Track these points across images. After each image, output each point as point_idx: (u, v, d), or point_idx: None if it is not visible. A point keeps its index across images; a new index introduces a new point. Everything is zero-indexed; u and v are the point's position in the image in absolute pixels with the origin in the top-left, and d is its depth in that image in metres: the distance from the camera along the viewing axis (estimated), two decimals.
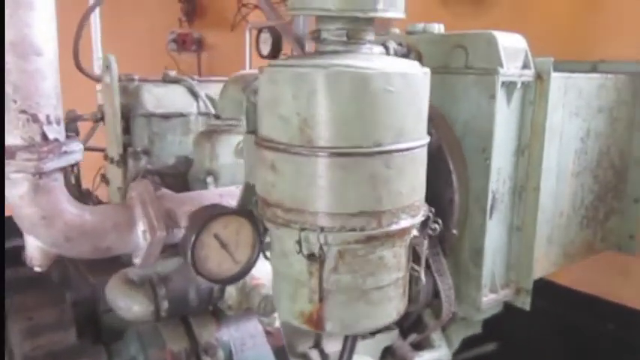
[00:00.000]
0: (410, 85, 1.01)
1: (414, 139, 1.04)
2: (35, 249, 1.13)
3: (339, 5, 0.98)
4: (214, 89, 1.62)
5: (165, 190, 1.27)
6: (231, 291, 1.36)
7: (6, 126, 1.04)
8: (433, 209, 1.13)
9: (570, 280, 2.18)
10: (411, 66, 1.05)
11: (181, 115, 1.52)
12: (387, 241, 1.05)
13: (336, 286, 1.05)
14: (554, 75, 1.50)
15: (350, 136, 0.97)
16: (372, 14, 1.00)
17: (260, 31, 4.05)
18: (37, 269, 1.15)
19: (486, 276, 1.55)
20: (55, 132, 1.08)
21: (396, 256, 1.08)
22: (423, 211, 1.10)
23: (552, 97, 1.49)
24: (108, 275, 1.45)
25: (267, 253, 1.19)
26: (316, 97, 0.96)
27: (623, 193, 1.98)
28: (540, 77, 1.52)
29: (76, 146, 1.12)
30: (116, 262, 1.32)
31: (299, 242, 1.00)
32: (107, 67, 1.50)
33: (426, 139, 1.07)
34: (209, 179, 1.42)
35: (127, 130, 1.50)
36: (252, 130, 1.16)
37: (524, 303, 1.64)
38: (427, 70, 1.07)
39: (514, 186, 1.57)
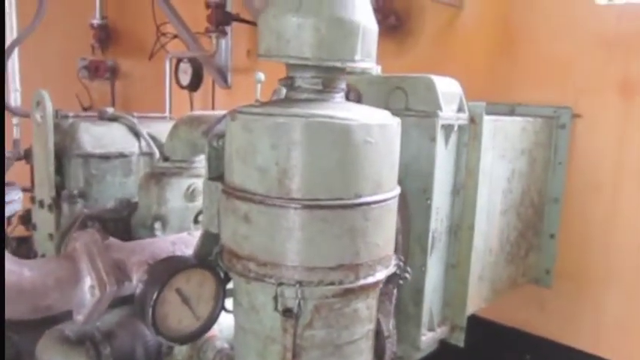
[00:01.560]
0: (386, 136, 1.01)
1: (390, 190, 1.04)
2: None
3: (317, 54, 0.97)
4: (155, 127, 1.53)
5: (112, 239, 1.16)
6: (180, 347, 1.26)
7: None
8: (403, 258, 1.13)
9: (489, 313, 2.27)
10: (386, 116, 1.05)
11: (122, 155, 1.41)
12: (362, 294, 1.02)
13: (311, 343, 1.00)
14: (485, 118, 1.58)
15: (331, 187, 0.94)
16: (349, 64, 1.00)
17: (179, 60, 3.95)
18: None
19: (425, 314, 1.58)
20: None
21: (369, 308, 1.06)
22: (393, 261, 1.09)
23: (484, 140, 1.58)
24: (34, 331, 1.29)
25: (227, 306, 1.12)
26: (297, 147, 0.93)
27: (540, 229, 2.12)
28: (474, 120, 1.60)
29: (16, 195, 1.00)
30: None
31: (275, 298, 0.95)
32: (38, 103, 1.37)
33: (398, 190, 1.07)
34: (157, 225, 1.32)
35: (58, 170, 1.37)
36: (214, 177, 1.10)
37: (459, 340, 1.68)
38: (399, 120, 1.07)
39: (450, 225, 1.62)
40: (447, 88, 1.56)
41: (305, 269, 0.96)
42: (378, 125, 0.99)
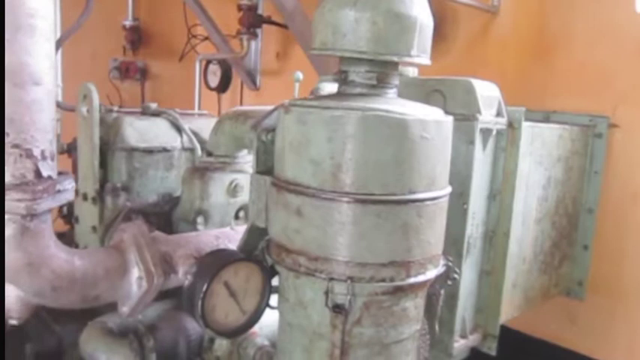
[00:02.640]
0: (442, 132, 1.00)
1: (443, 188, 1.02)
2: (14, 299, 0.98)
3: (373, 48, 0.96)
4: (195, 123, 1.54)
5: (158, 232, 1.17)
6: (221, 341, 1.25)
7: None
8: (451, 258, 1.11)
9: (519, 324, 2.23)
10: (440, 113, 1.04)
11: (165, 149, 1.41)
12: (411, 292, 1.01)
13: (358, 340, 0.99)
14: (524, 124, 1.56)
15: (385, 182, 0.93)
16: (405, 59, 0.98)
17: (209, 62, 3.98)
18: (13, 322, 1.00)
19: (458, 321, 1.55)
20: (49, 169, 0.96)
21: (417, 308, 1.04)
22: (442, 261, 1.08)
23: (522, 146, 1.56)
24: (75, 323, 1.30)
25: (271, 302, 1.11)
26: (352, 141, 0.92)
27: (574, 239, 2.08)
28: (512, 125, 1.58)
29: (69, 184, 1.00)
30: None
31: (326, 293, 0.94)
32: (85, 96, 1.38)
33: (450, 188, 1.06)
34: (199, 219, 1.32)
35: (101, 164, 1.38)
36: (262, 171, 1.09)
37: (491, 348, 1.66)
38: (451, 117, 1.06)
39: (486, 231, 1.60)
40: (487, 91, 1.54)
41: (356, 265, 0.95)
42: (434, 121, 0.98)
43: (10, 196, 0.90)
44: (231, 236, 1.24)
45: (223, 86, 4.03)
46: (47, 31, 0.93)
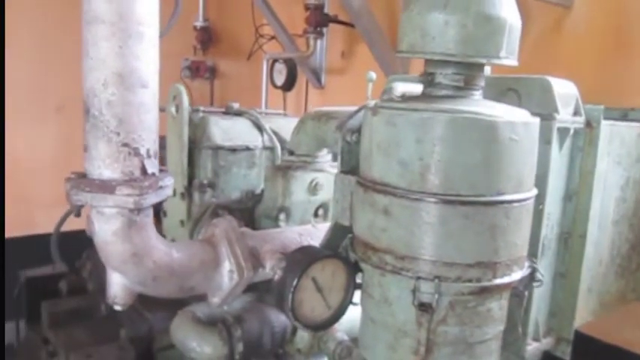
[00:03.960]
0: (530, 134, 1.00)
1: (530, 189, 1.02)
2: (119, 287, 1.06)
3: (462, 51, 0.97)
4: (275, 123, 1.59)
5: (246, 228, 1.22)
6: (302, 334, 1.30)
7: (104, 159, 0.99)
8: (535, 260, 1.11)
9: (592, 329, 2.16)
10: (527, 114, 1.04)
11: (247, 148, 1.48)
12: (496, 293, 1.02)
13: (443, 339, 1.01)
14: (602, 123, 1.51)
15: (473, 184, 0.94)
16: (494, 61, 0.99)
17: (275, 61, 4.07)
18: (118, 308, 1.08)
19: (531, 324, 1.53)
20: (153, 166, 1.03)
21: (501, 309, 1.05)
22: (527, 263, 1.08)
23: (600, 145, 1.51)
24: (164, 311, 1.38)
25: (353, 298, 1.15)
26: (442, 143, 0.93)
27: None
28: (590, 124, 1.53)
29: (169, 180, 1.07)
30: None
31: (413, 291, 0.97)
32: (175, 97, 1.46)
33: (536, 190, 1.06)
34: (281, 216, 1.38)
35: (189, 161, 1.45)
36: (346, 170, 1.13)
37: (565, 353, 1.62)
38: (538, 119, 1.06)
39: (561, 232, 1.57)
40: (564, 89, 1.51)
41: (443, 264, 0.96)
42: (522, 123, 0.98)
43: (120, 192, 0.97)
44: (313, 233, 1.28)
45: (289, 84, 4.11)
46: (153, 37, 1.00)
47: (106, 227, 1.01)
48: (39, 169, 4.09)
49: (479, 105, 1.00)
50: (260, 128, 1.52)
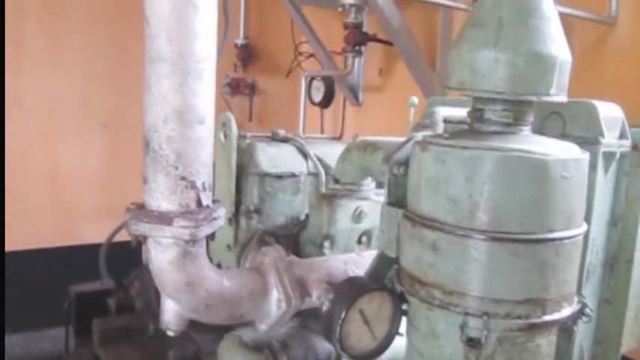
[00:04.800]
0: (580, 170, 1.00)
1: (580, 225, 1.02)
2: (173, 313, 1.10)
3: (512, 89, 0.98)
4: (319, 149, 1.62)
5: (293, 257, 1.25)
6: None
7: (162, 192, 1.03)
8: (584, 295, 1.10)
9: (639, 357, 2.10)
10: (577, 150, 1.04)
11: (292, 174, 1.51)
12: (545, 330, 1.01)
13: None
14: None
15: (523, 221, 0.95)
16: (544, 98, 1.00)
17: (313, 78, 4.11)
18: (171, 334, 1.12)
19: (576, 350, 1.50)
20: (208, 198, 1.07)
21: (550, 345, 1.04)
22: (576, 298, 1.07)
23: None
24: (211, 333, 1.42)
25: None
26: (491, 181, 0.94)
27: None
28: (636, 148, 1.51)
29: (222, 211, 1.11)
30: None
31: (462, 327, 0.97)
32: (224, 124, 1.50)
33: (586, 226, 1.05)
34: (326, 244, 1.40)
35: (236, 187, 1.49)
36: (393, 202, 1.14)
37: None
38: (588, 154, 1.06)
39: (606, 258, 1.54)
40: (609, 113, 1.49)
41: (492, 301, 0.97)
42: (573, 160, 0.98)
43: (177, 223, 1.01)
44: (358, 262, 1.30)
45: (326, 101, 4.15)
46: (211, 74, 1.05)
47: (162, 256, 1.05)
48: (84, 181, 4.23)
49: (529, 142, 1.00)
50: (305, 155, 1.55)
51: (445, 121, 1.55)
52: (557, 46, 0.99)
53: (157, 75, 0.99)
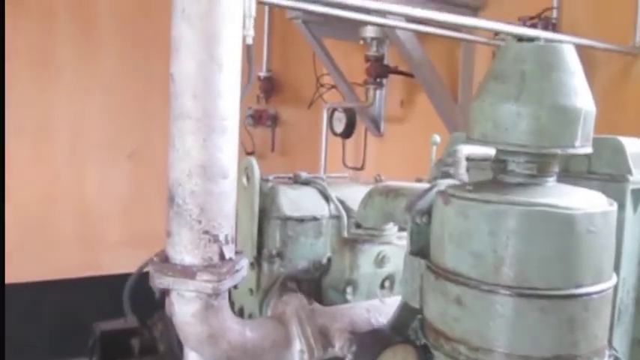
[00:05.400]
0: (608, 223, 0.98)
1: (609, 279, 1.00)
2: None
3: (536, 142, 0.97)
4: (341, 191, 1.62)
5: (316, 305, 1.25)
6: None
7: (186, 245, 1.04)
8: (616, 348, 1.07)
9: None
10: (603, 201, 1.02)
11: (314, 218, 1.51)
12: None
13: None
14: None
15: (549, 277, 0.93)
16: (569, 151, 0.99)
17: (334, 109, 4.15)
18: None
19: None
20: (230, 251, 1.08)
21: None
22: (607, 352, 1.04)
23: None
24: None
25: None
26: (516, 236, 0.93)
27: None
28: None
29: (244, 262, 1.11)
30: None
31: None
32: (246, 168, 1.52)
33: (616, 278, 1.03)
34: (349, 289, 1.40)
35: (258, 230, 1.50)
36: (416, 251, 1.13)
37: None
38: (616, 205, 1.04)
39: (637, 296, 1.50)
40: (636, 149, 1.47)
41: (519, 358, 0.95)
42: (600, 213, 0.96)
43: (200, 277, 1.02)
44: (381, 309, 1.28)
45: (348, 132, 4.18)
46: (234, 128, 1.06)
47: (185, 309, 1.05)
48: (108, 212, 4.29)
49: (554, 194, 0.99)
50: (327, 197, 1.55)
51: (468, 159, 1.55)
52: (582, 98, 0.98)
53: (182, 132, 1.01)
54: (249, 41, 1.70)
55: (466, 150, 1.55)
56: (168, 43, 1.04)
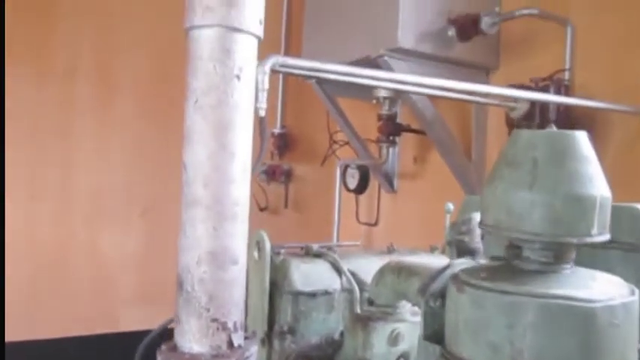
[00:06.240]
0: (631, 314, 0.94)
1: None
2: None
3: (551, 231, 0.95)
4: (354, 263, 1.60)
5: None
6: None
7: (194, 333, 1.02)
8: None
9: None
10: (623, 288, 0.99)
11: (326, 292, 1.48)
12: None
13: None
14: None
15: None
16: (585, 239, 0.96)
17: (347, 165, 4.16)
18: None
19: None
20: (239, 338, 1.05)
21: None
22: None
23: None
24: None
25: None
26: (535, 329, 0.90)
27: None
28: None
29: (254, 349, 1.09)
30: None
31: None
32: (258, 242, 1.51)
33: None
34: None
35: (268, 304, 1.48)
36: (430, 335, 1.10)
37: None
38: (637, 294, 1.00)
39: None
40: None
41: None
42: (622, 304, 0.93)
43: None
44: None
45: (361, 188, 4.17)
46: (245, 214, 1.06)
47: None
48: (121, 268, 4.31)
49: (572, 283, 0.96)
50: (339, 271, 1.53)
51: (480, 225, 1.52)
52: (596, 185, 0.97)
53: (193, 219, 1.01)
54: (262, 113, 1.72)
55: (479, 217, 1.52)
56: (184, 113, 1.05)
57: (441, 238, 1.85)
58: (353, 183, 4.17)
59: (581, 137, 1.00)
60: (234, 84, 1.00)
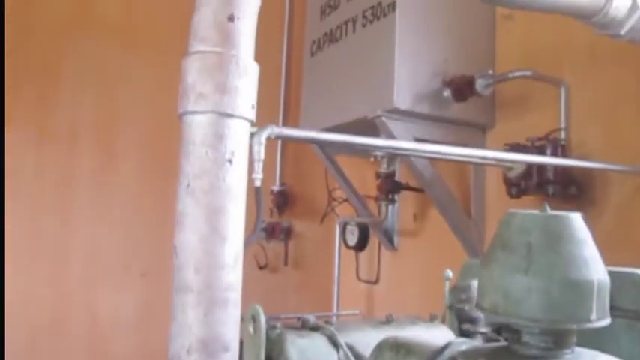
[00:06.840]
0: None
1: None
2: None
3: (549, 316, 0.93)
4: (353, 336, 1.56)
5: None
6: None
7: None
8: None
9: None
10: None
11: None
12: None
13: None
14: None
15: None
16: (585, 325, 0.94)
17: (347, 223, 4.14)
18: None
19: None
20: None
21: None
22: None
23: None
24: None
25: None
26: None
27: None
28: None
29: None
30: None
31: None
32: (253, 317, 1.48)
33: None
34: None
35: None
36: None
37: None
38: None
39: None
40: None
41: None
42: None
43: None
44: None
45: (361, 245, 4.14)
46: (237, 299, 1.04)
47: None
48: (121, 330, 4.24)
49: None
50: (337, 345, 1.49)
51: (477, 306, 1.50)
52: (593, 269, 0.96)
53: (183, 305, 0.99)
54: (258, 184, 1.72)
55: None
56: (177, 180, 1.05)
57: (441, 299, 1.81)
58: (353, 240, 4.14)
59: (576, 219, 0.99)
60: (226, 168, 1.00)
